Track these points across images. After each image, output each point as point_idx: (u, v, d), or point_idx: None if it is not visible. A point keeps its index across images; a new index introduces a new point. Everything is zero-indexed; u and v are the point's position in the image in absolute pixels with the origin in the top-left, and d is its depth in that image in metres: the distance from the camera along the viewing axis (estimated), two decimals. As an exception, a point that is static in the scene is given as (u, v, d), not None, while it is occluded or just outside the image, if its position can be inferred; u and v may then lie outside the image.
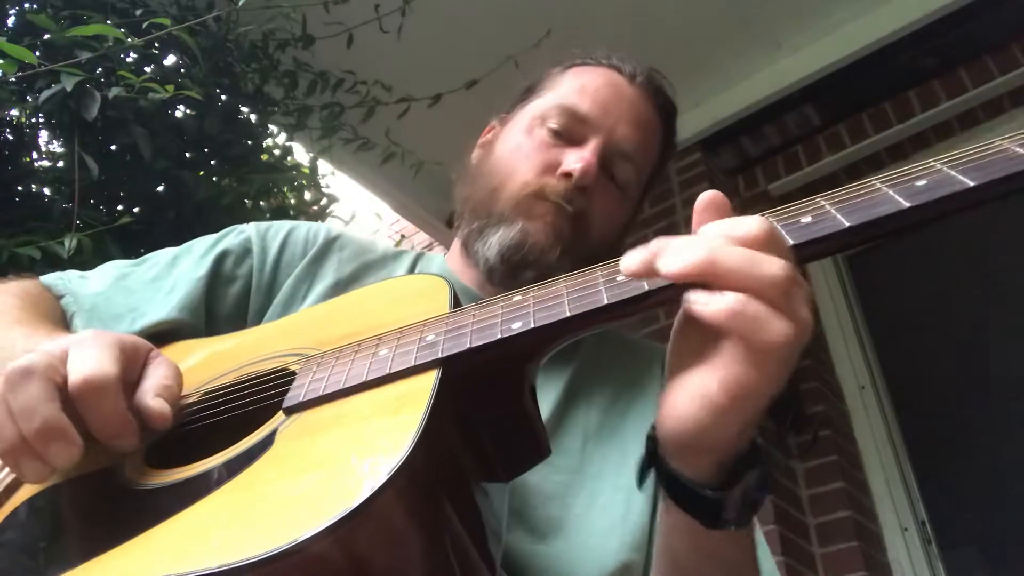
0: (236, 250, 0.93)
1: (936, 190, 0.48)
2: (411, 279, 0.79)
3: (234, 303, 0.89)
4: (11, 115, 1.82)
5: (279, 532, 0.42)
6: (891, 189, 0.50)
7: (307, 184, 2.43)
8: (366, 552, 0.44)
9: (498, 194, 0.92)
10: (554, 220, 0.88)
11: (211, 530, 0.47)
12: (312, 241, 0.96)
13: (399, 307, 0.68)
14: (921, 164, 0.51)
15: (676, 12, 2.72)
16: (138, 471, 0.60)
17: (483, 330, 0.55)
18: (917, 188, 0.49)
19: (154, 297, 0.87)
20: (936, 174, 0.49)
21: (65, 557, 0.52)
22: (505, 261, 0.87)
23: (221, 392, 0.66)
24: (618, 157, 0.93)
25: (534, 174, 0.91)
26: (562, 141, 0.93)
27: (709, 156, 3.08)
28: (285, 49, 2.24)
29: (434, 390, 0.52)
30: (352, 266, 0.93)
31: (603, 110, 0.94)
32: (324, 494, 0.45)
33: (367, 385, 0.56)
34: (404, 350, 0.57)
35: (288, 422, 0.56)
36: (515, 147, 0.95)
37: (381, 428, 0.50)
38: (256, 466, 0.52)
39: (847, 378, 2.76)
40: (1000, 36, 2.67)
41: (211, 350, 0.78)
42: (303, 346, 0.68)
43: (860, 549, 2.29)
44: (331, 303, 0.82)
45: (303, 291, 0.90)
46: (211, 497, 0.51)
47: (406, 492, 0.46)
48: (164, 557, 0.46)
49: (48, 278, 0.91)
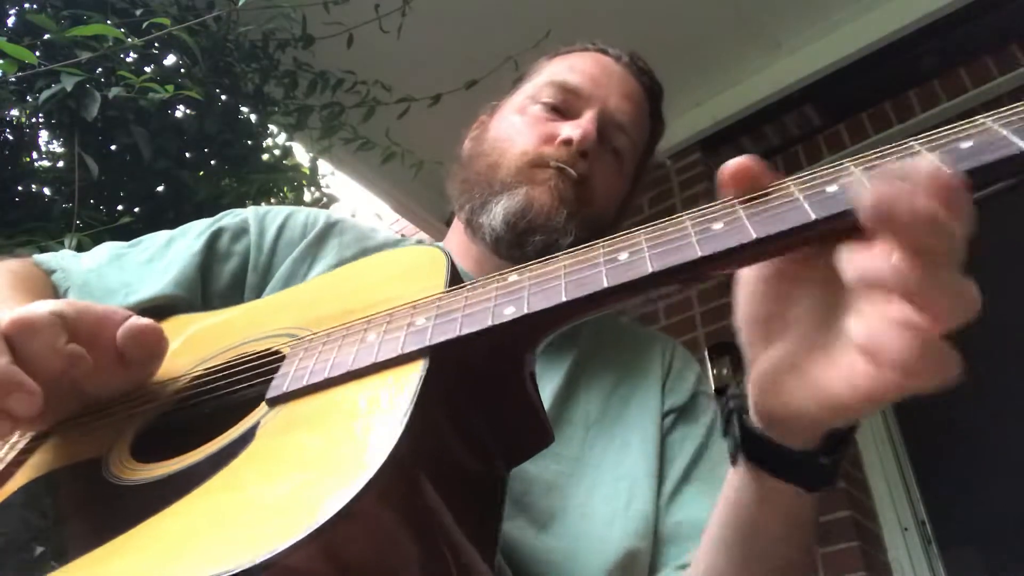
0: (232, 228, 0.93)
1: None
2: (409, 251, 0.76)
3: (229, 280, 0.89)
4: (11, 115, 1.82)
5: (259, 542, 0.40)
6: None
7: (307, 184, 2.43)
8: (353, 556, 0.42)
9: (498, 167, 0.91)
10: (557, 183, 0.88)
11: (189, 537, 0.45)
12: (312, 224, 0.95)
13: (396, 282, 0.64)
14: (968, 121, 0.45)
15: (676, 12, 2.72)
16: (122, 464, 0.58)
17: (474, 315, 0.52)
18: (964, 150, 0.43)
19: (149, 274, 0.86)
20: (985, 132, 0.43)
21: (44, 555, 0.50)
22: (511, 228, 0.87)
23: (209, 376, 0.65)
24: (614, 128, 0.94)
25: (533, 145, 0.91)
26: (557, 115, 0.94)
27: (709, 156, 3.08)
28: (285, 49, 2.24)
29: (420, 381, 0.48)
30: (353, 250, 0.93)
31: (595, 83, 0.95)
32: (304, 499, 0.43)
33: (352, 375, 0.53)
34: (392, 336, 0.54)
35: (271, 414, 0.54)
36: (509, 125, 0.95)
37: (363, 425, 0.48)
38: (236, 463, 0.50)
39: (847, 378, 2.76)
40: (1000, 36, 2.67)
41: (206, 324, 0.76)
42: (296, 325, 0.65)
43: (860, 549, 2.29)
44: (327, 277, 0.80)
45: (303, 271, 0.89)
46: (189, 498, 0.48)
47: (392, 492, 0.43)
48: (140, 566, 0.44)
49: (41, 256, 0.90)
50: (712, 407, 0.93)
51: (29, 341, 0.55)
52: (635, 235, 0.52)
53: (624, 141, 0.95)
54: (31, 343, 0.55)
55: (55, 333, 0.56)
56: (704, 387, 0.94)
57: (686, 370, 0.94)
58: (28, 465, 0.61)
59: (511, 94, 1.03)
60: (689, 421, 0.89)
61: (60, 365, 0.56)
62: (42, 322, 0.56)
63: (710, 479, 0.83)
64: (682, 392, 0.91)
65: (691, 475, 0.84)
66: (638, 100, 0.99)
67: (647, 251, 0.49)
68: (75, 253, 0.93)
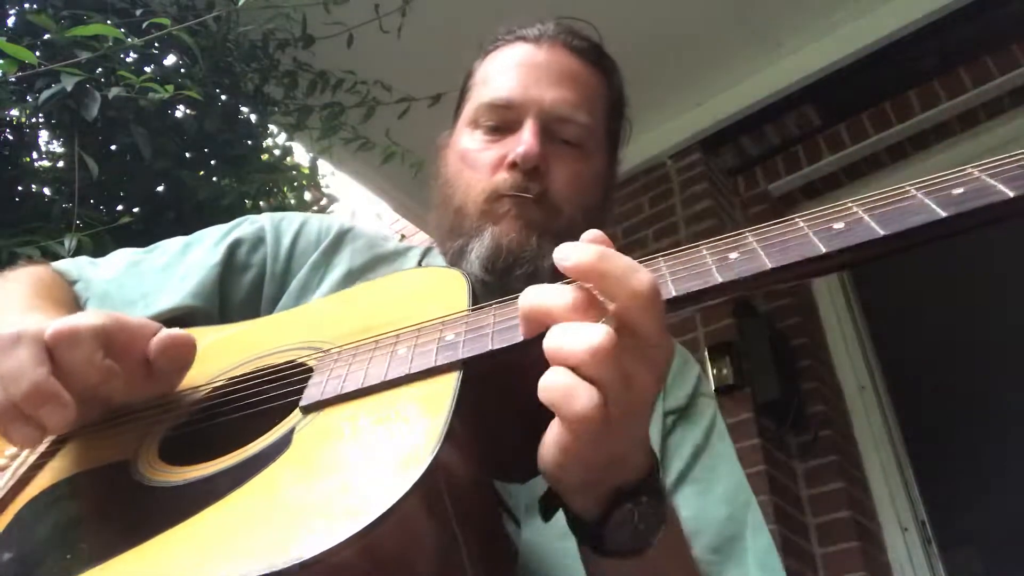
0: (250, 238, 0.94)
1: (973, 200, 0.46)
2: (427, 272, 0.78)
3: (248, 291, 0.90)
4: (11, 115, 1.82)
5: (302, 541, 0.42)
6: (927, 197, 0.48)
7: (307, 184, 2.43)
8: (388, 555, 0.43)
9: (463, 211, 0.92)
10: (518, 212, 0.88)
11: (233, 535, 0.46)
12: (325, 232, 0.96)
13: (415, 302, 0.66)
14: (959, 170, 0.49)
15: (676, 12, 2.72)
16: (151, 466, 0.59)
17: (504, 331, 0.55)
18: (954, 197, 0.47)
19: (167, 284, 0.87)
20: (975, 182, 0.47)
21: (79, 554, 0.51)
22: (491, 271, 0.87)
23: (234, 385, 0.66)
24: (557, 123, 0.92)
25: (486, 177, 0.91)
26: (500, 133, 0.93)
27: (709, 156, 3.08)
28: (285, 49, 2.24)
29: (456, 392, 0.51)
30: (365, 257, 0.94)
31: (522, 88, 0.93)
32: (346, 500, 0.45)
33: (387, 385, 0.55)
34: (424, 349, 0.56)
35: (305, 421, 0.55)
36: (460, 158, 0.95)
37: (402, 432, 0.50)
38: (274, 467, 0.52)
39: (847, 378, 2.76)
40: (1000, 36, 2.66)
41: (224, 336, 0.77)
42: (317, 339, 0.67)
43: (860, 549, 2.29)
44: (345, 293, 0.81)
45: (317, 279, 0.90)
46: (230, 499, 0.50)
47: (429, 497, 0.45)
48: (184, 562, 0.45)
49: (60, 264, 0.91)
50: (711, 408, 0.93)
51: (69, 353, 0.56)
52: (656, 261, 0.57)
53: (573, 129, 0.93)
54: (71, 355, 0.56)
55: (94, 347, 0.57)
56: (703, 388, 0.94)
57: (686, 371, 0.94)
58: (50, 467, 0.62)
59: (460, 107, 1.03)
60: (688, 423, 0.89)
61: (96, 379, 0.57)
62: (84, 335, 0.57)
63: (706, 480, 0.83)
64: (682, 393, 0.91)
65: (687, 476, 0.84)
66: (574, 74, 0.96)
67: (667, 272, 0.54)
68: (93, 260, 0.94)
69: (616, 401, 0.48)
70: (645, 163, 3.12)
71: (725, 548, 0.79)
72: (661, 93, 2.96)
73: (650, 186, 3.12)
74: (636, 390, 0.49)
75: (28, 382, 0.53)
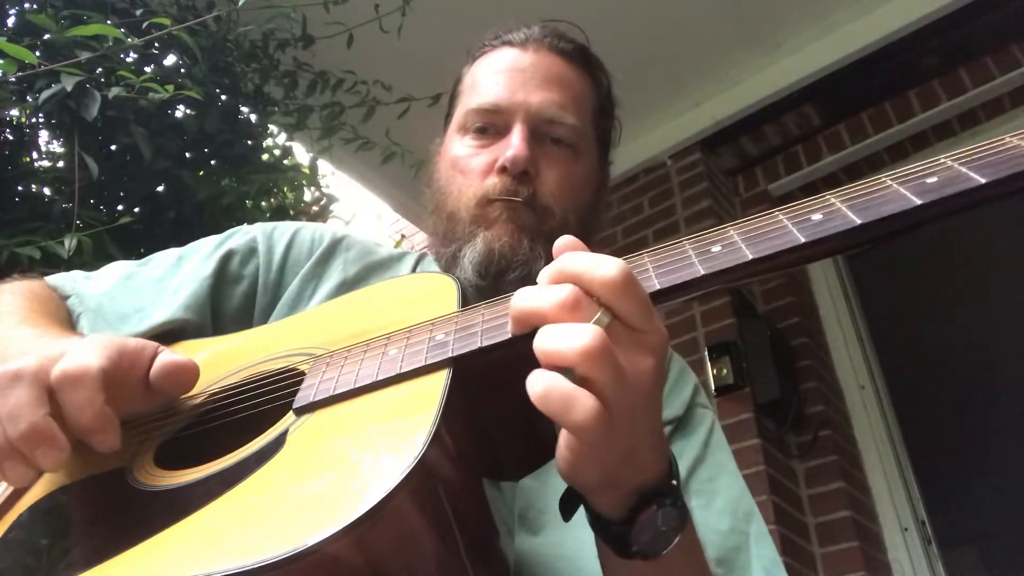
0: (242, 250, 0.93)
1: (947, 187, 0.48)
2: (418, 277, 0.79)
3: (240, 303, 0.90)
4: (11, 115, 1.82)
5: (295, 533, 0.43)
6: (902, 186, 0.50)
7: (307, 184, 2.43)
8: (381, 552, 0.44)
9: (455, 216, 0.92)
10: (509, 216, 0.88)
11: (227, 532, 0.47)
12: (318, 242, 0.96)
13: (407, 306, 0.67)
14: (931, 161, 0.51)
15: (676, 12, 2.72)
16: (148, 472, 0.60)
17: (493, 329, 0.55)
18: (928, 185, 0.49)
19: (160, 297, 0.87)
20: (947, 171, 0.49)
21: (76, 558, 0.52)
22: (484, 276, 0.87)
23: (229, 392, 0.66)
24: (546, 124, 0.93)
25: (477, 182, 0.91)
26: (489, 137, 0.93)
27: (709, 156, 3.08)
28: (285, 49, 2.24)
29: (445, 389, 0.52)
30: (358, 267, 0.94)
31: (509, 91, 0.93)
32: (339, 495, 0.46)
33: (378, 385, 0.56)
34: (414, 349, 0.57)
35: (299, 423, 0.56)
36: (451, 165, 0.95)
37: (393, 428, 0.51)
38: (269, 467, 0.52)
39: (847, 378, 2.76)
40: (1000, 36, 2.67)
41: (217, 349, 0.78)
42: (310, 345, 0.68)
43: (860, 549, 2.29)
44: (337, 302, 0.82)
45: (309, 291, 0.90)
46: (225, 498, 0.51)
47: (420, 492, 0.46)
48: (181, 558, 0.46)
49: (54, 278, 0.91)
50: (709, 418, 0.92)
51: (71, 395, 0.56)
52: (641, 257, 0.58)
53: (562, 129, 0.93)
54: (72, 397, 0.56)
55: (96, 390, 0.57)
56: (700, 398, 0.94)
57: (683, 380, 0.94)
58: (48, 476, 0.62)
59: (450, 114, 1.03)
60: (686, 433, 0.89)
61: (92, 424, 0.57)
62: (87, 380, 0.57)
63: (707, 492, 0.83)
64: (679, 403, 0.91)
65: (687, 489, 0.83)
66: (560, 76, 0.96)
67: (652, 269, 0.55)
68: (86, 274, 0.94)
69: (615, 398, 0.48)
70: (645, 163, 3.13)
71: (729, 560, 0.78)
72: (661, 93, 2.96)
73: (650, 186, 3.12)
74: (634, 383, 0.49)
75: (27, 423, 0.54)
